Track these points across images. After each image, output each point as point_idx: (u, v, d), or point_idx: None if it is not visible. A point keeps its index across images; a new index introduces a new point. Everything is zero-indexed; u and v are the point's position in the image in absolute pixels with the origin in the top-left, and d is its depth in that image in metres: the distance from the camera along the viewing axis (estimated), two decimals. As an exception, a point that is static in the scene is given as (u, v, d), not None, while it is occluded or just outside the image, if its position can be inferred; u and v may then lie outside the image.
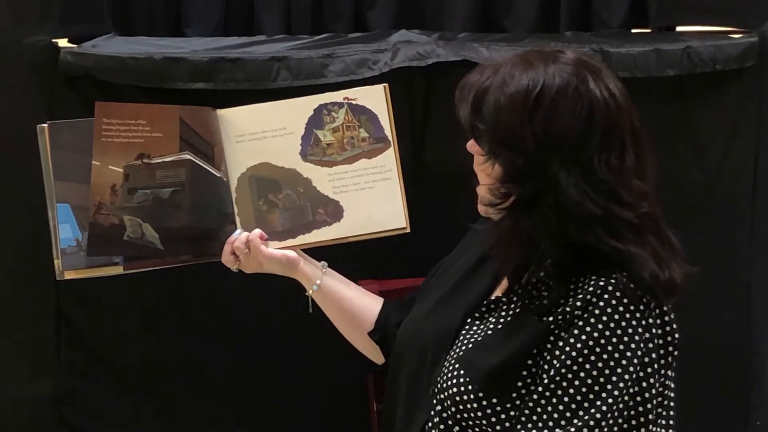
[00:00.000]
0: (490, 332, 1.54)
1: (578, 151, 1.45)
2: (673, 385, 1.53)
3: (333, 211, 1.77)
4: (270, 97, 2.18)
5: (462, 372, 1.51)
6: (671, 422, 1.54)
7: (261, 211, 1.75)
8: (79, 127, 1.76)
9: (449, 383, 1.52)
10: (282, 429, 2.36)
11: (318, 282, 1.77)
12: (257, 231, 1.75)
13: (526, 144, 1.45)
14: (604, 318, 1.43)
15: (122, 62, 2.16)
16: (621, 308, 1.43)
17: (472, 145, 1.57)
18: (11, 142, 2.19)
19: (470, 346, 1.54)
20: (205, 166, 1.75)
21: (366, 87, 1.80)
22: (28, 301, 2.26)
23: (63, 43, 2.24)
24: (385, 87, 1.79)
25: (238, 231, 1.75)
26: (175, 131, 1.74)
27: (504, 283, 1.61)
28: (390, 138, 1.77)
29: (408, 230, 1.78)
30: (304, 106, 1.78)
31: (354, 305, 1.80)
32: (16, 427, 2.31)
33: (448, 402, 1.51)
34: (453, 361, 1.54)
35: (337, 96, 1.78)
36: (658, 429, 1.51)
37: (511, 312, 1.54)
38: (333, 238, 1.77)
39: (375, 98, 1.78)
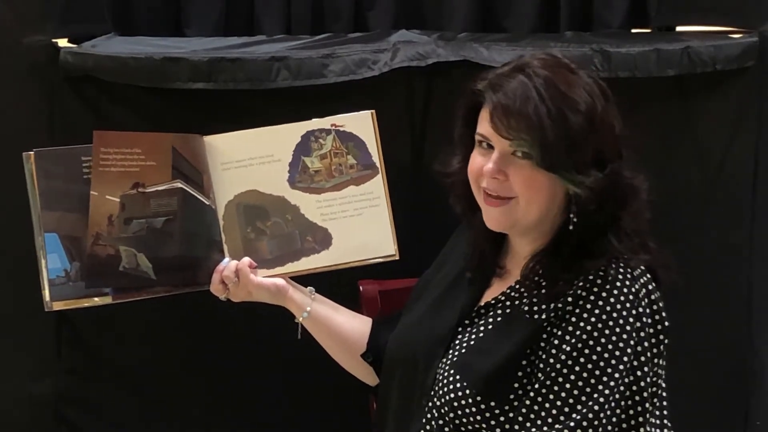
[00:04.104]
0: (482, 335, 1.54)
1: (620, 146, 1.53)
2: (663, 375, 1.53)
3: (322, 239, 1.75)
4: (270, 98, 2.19)
5: (458, 377, 1.51)
6: (665, 412, 1.55)
7: (249, 239, 1.74)
8: (65, 155, 1.72)
9: (446, 389, 1.51)
10: (282, 429, 2.36)
11: (308, 309, 1.76)
12: (246, 259, 1.73)
13: (594, 156, 1.50)
14: (596, 311, 1.44)
15: (122, 62, 2.16)
16: (612, 300, 1.44)
17: (497, 171, 1.53)
18: (11, 142, 2.19)
19: (464, 351, 1.54)
20: (195, 194, 1.73)
21: (353, 114, 1.78)
22: (28, 301, 2.25)
23: (63, 43, 2.24)
24: (372, 114, 1.78)
25: (226, 259, 1.74)
26: (168, 160, 1.71)
27: (494, 288, 1.61)
28: (378, 165, 1.76)
29: (397, 257, 1.76)
30: (292, 132, 1.76)
31: (345, 329, 1.79)
32: (16, 426, 2.31)
33: (446, 408, 1.51)
34: (448, 368, 1.54)
35: (324, 123, 1.76)
36: (653, 419, 1.52)
37: (501, 314, 1.54)
38: (322, 265, 1.76)
39: (362, 125, 1.76)
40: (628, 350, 1.43)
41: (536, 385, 1.45)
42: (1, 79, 2.17)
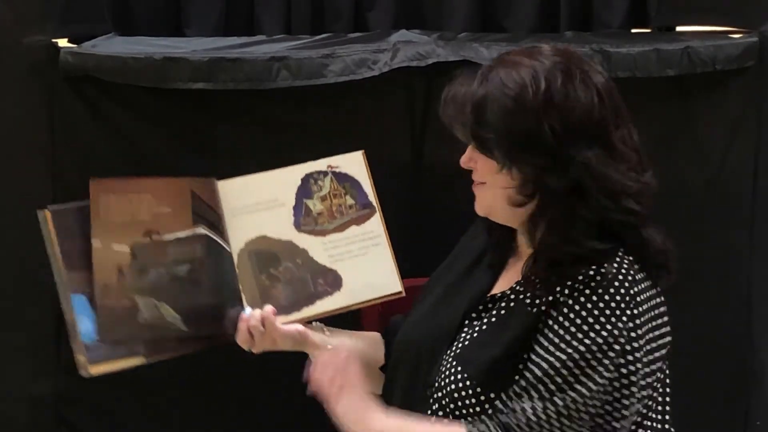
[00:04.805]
0: (485, 327, 1.55)
1: (600, 133, 1.46)
2: (662, 376, 1.53)
3: (332, 281, 1.72)
4: (270, 98, 2.19)
5: (460, 369, 1.51)
6: (667, 408, 1.55)
7: (265, 286, 1.69)
8: (83, 210, 1.60)
9: (447, 381, 1.52)
10: (282, 429, 2.36)
11: (329, 347, 1.72)
12: (269, 308, 1.66)
13: (546, 140, 1.44)
14: (588, 306, 1.44)
15: (122, 62, 2.16)
16: (606, 297, 1.44)
17: (468, 160, 1.56)
18: (11, 142, 2.19)
19: (467, 343, 1.55)
20: (218, 239, 1.65)
21: (345, 154, 1.76)
22: (28, 301, 2.26)
23: (63, 43, 2.24)
24: (362, 153, 1.77)
25: (248, 309, 1.67)
26: (187, 205, 1.62)
27: (501, 283, 1.61)
28: (374, 203, 1.75)
29: (404, 294, 1.76)
30: (292, 175, 1.73)
31: (365, 353, 1.75)
32: (16, 427, 2.31)
33: (447, 400, 1.51)
34: (451, 360, 1.54)
35: (320, 165, 1.74)
36: (654, 416, 1.52)
37: (505, 307, 1.55)
38: (337, 307, 1.72)
39: (354, 165, 1.75)
40: (616, 347, 1.43)
41: (528, 372, 1.46)
42: (1, 79, 2.17)
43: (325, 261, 1.70)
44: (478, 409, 1.48)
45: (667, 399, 1.56)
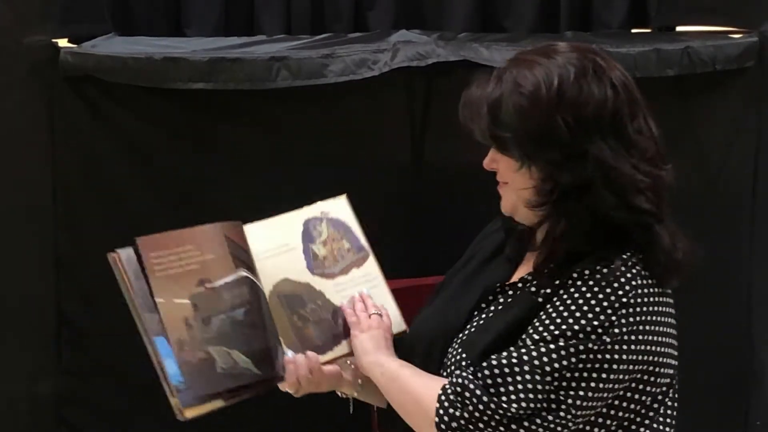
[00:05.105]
0: (492, 315, 1.56)
1: (615, 126, 1.48)
2: (669, 373, 1.53)
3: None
4: (270, 98, 2.19)
5: (464, 355, 1.53)
6: (675, 404, 1.55)
7: (298, 327, 1.69)
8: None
9: (451, 363, 1.54)
10: (282, 428, 2.36)
11: (360, 381, 1.72)
12: (313, 354, 1.65)
13: (561, 135, 1.46)
14: (587, 295, 1.45)
15: (122, 62, 2.16)
16: (609, 289, 1.45)
17: (491, 162, 1.57)
18: (11, 142, 2.19)
19: (473, 330, 1.56)
20: (257, 281, 1.63)
21: (331, 199, 1.75)
22: (29, 302, 2.26)
23: (63, 43, 2.24)
24: (345, 197, 1.76)
25: (289, 352, 1.65)
26: (225, 250, 1.60)
27: (516, 275, 1.62)
28: (366, 247, 1.75)
29: (408, 331, 1.76)
30: (295, 221, 1.73)
31: None
32: (16, 427, 2.31)
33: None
34: (457, 347, 1.56)
35: (315, 211, 1.74)
36: (663, 418, 1.53)
37: (512, 295, 1.56)
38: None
39: (342, 210, 1.75)
40: (593, 336, 1.43)
41: (521, 349, 1.47)
42: (1, 79, 2.17)
43: (339, 302, 1.71)
44: None
45: (676, 405, 1.56)
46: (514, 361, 1.44)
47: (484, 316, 1.58)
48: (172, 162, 2.25)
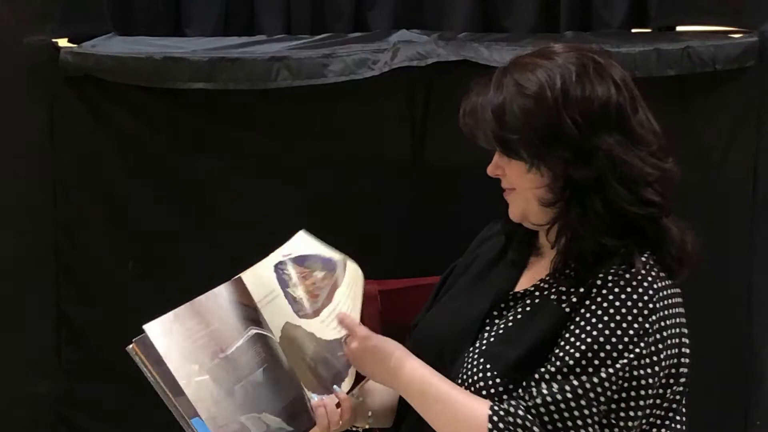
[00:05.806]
0: (511, 325, 1.56)
1: (620, 121, 1.50)
2: (680, 376, 1.53)
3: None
4: (270, 98, 2.18)
5: (488, 366, 1.52)
6: (680, 426, 1.55)
7: (312, 368, 1.69)
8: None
9: (475, 378, 1.53)
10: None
11: (369, 413, 1.74)
12: (338, 390, 1.67)
13: (569, 133, 1.47)
14: (616, 304, 1.46)
15: (122, 62, 2.16)
16: (636, 294, 1.46)
17: (495, 168, 1.57)
18: (11, 142, 2.19)
19: (492, 340, 1.56)
20: (267, 333, 1.63)
21: (289, 241, 1.73)
22: (28, 301, 2.26)
23: (63, 43, 2.24)
24: (303, 231, 1.74)
25: (315, 396, 1.65)
26: (228, 313, 1.59)
27: (523, 281, 1.62)
28: (337, 256, 1.72)
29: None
30: (267, 270, 1.71)
31: (396, 396, 1.74)
32: (16, 427, 2.31)
33: (471, 392, 1.52)
34: (476, 356, 1.55)
35: (276, 257, 1.72)
36: (680, 416, 1.54)
37: (530, 304, 1.56)
38: (363, 378, 1.71)
39: (301, 244, 1.73)
40: (630, 346, 1.44)
41: (553, 354, 1.48)
42: (1, 79, 2.17)
43: (332, 335, 1.69)
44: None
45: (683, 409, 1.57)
46: (569, 396, 1.44)
47: (502, 325, 1.57)
48: (172, 162, 2.25)
